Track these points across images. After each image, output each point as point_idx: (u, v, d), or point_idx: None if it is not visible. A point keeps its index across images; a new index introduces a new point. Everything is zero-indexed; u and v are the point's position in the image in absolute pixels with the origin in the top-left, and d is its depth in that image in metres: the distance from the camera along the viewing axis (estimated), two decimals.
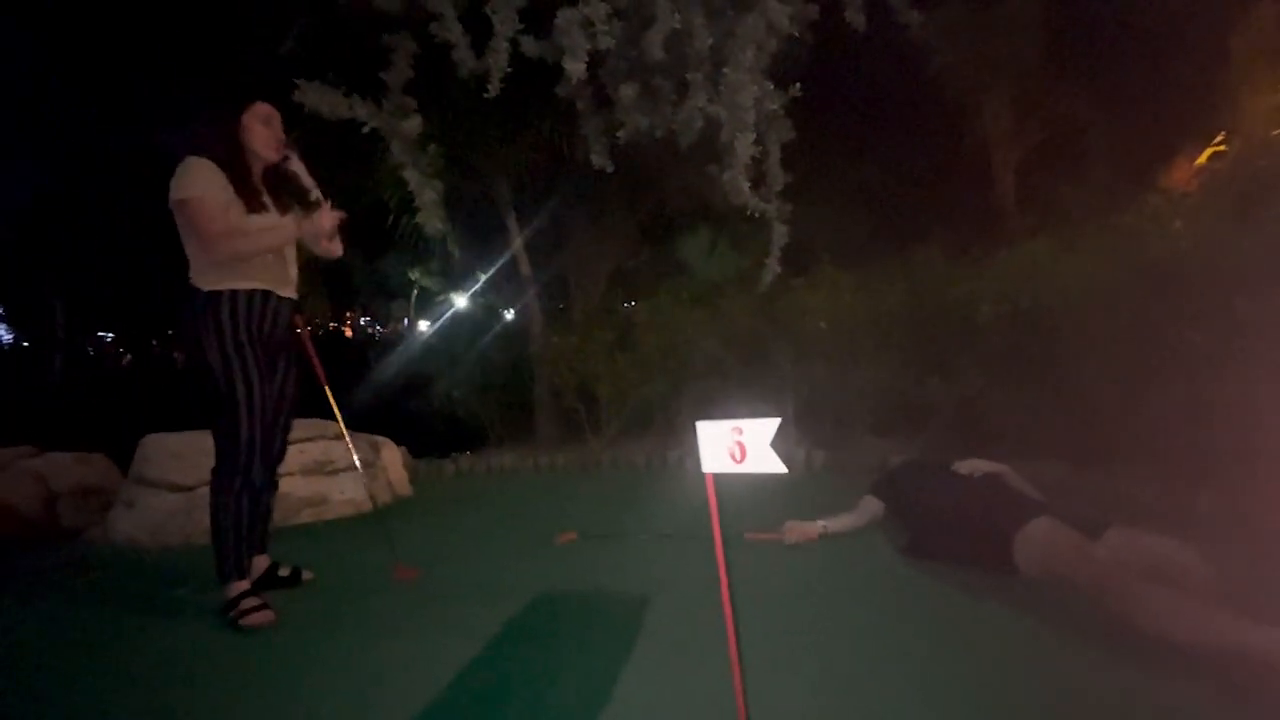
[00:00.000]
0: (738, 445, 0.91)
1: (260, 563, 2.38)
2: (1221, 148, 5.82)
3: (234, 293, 2.12)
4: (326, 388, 2.65)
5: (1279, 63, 5.98)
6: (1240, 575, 1.78)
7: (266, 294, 2.19)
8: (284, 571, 2.45)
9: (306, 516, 3.30)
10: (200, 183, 2.08)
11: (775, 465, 0.91)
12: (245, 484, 2.18)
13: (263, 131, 2.22)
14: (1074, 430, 3.38)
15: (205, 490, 3.17)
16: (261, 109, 2.23)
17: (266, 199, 2.24)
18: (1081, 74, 6.22)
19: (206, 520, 3.01)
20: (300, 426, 3.44)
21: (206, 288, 2.11)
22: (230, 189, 2.11)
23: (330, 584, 2.47)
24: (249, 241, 2.13)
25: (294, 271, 2.33)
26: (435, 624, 2.06)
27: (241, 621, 2.09)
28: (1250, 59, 6.05)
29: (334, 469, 3.55)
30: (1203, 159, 5.85)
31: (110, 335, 32.62)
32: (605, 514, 3.29)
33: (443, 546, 2.92)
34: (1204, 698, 1.41)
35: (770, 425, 0.91)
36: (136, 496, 3.29)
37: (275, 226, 2.21)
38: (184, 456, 3.20)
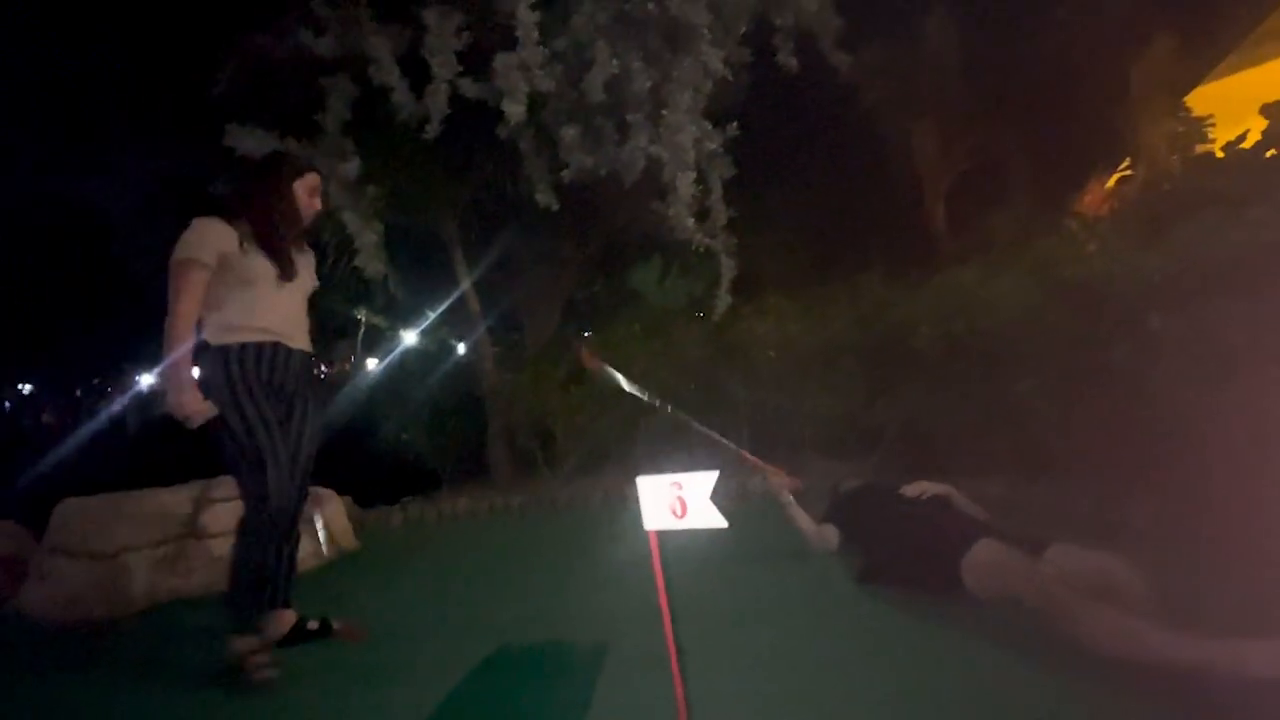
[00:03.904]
0: (678, 500, 0.90)
1: (288, 618, 2.22)
2: (1128, 172, 6.27)
3: (243, 345, 2.11)
4: None
5: (1174, 93, 6.51)
6: (1173, 586, 1.85)
7: (276, 345, 2.17)
8: (313, 625, 2.29)
9: None
10: (195, 248, 2.04)
11: (715, 520, 0.90)
12: (276, 533, 2.13)
13: (306, 201, 2.25)
14: (1013, 447, 3.51)
15: (127, 558, 3.00)
16: (312, 179, 2.26)
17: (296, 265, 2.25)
18: (999, 107, 6.64)
19: (130, 590, 2.83)
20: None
21: (216, 342, 2.10)
22: (230, 251, 2.09)
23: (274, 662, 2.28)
24: (172, 338, 2.02)
25: (306, 324, 2.31)
26: (377, 703, 1.93)
27: (256, 677, 2.06)
28: (1148, 90, 6.57)
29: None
30: (1111, 183, 6.29)
31: (28, 387, 30.60)
32: (561, 557, 3.22)
33: (388, 606, 2.77)
34: (1146, 711, 1.45)
35: (708, 479, 0.90)
36: (52, 567, 3.05)
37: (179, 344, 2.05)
38: (104, 522, 2.99)
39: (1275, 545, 2.07)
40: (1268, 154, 3.58)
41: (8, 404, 28.97)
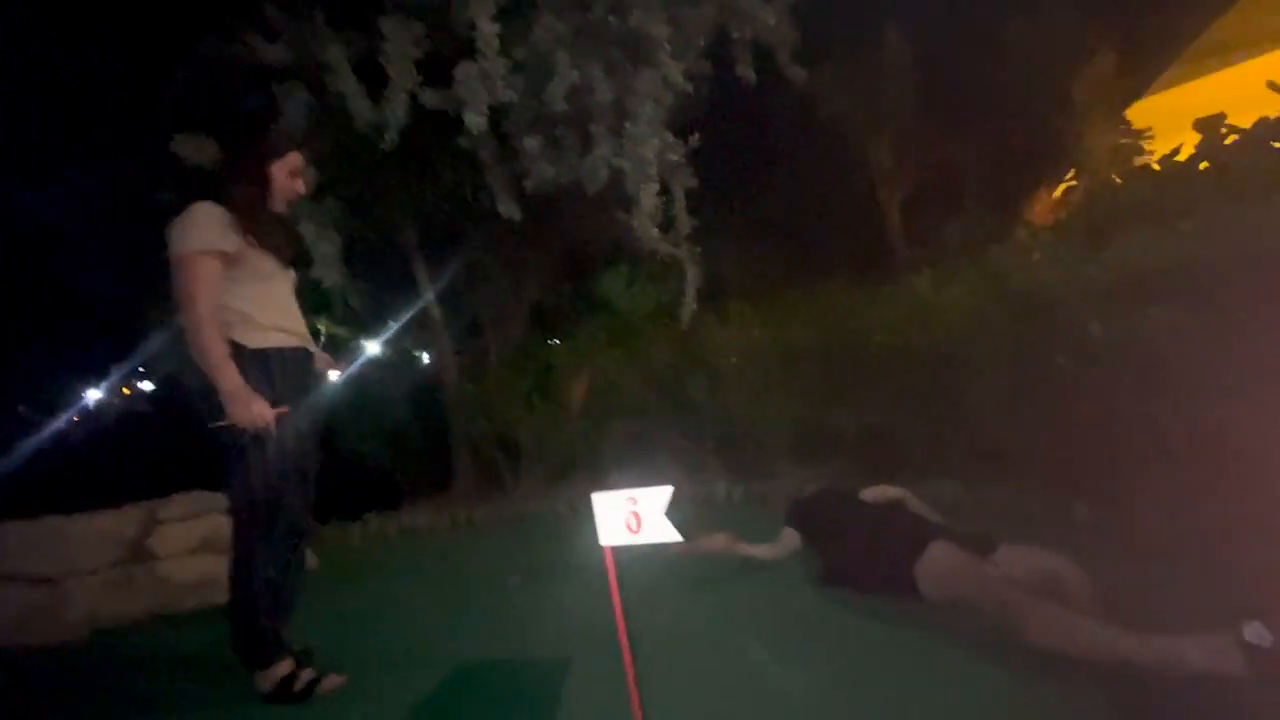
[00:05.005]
0: (633, 515, 0.91)
1: (287, 665, 2.03)
2: (1072, 183, 6.55)
3: (280, 350, 1.99)
4: None
5: (1116, 107, 6.83)
6: (1115, 581, 1.93)
7: (306, 350, 2.10)
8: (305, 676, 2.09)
9: (192, 602, 3.00)
10: (207, 236, 1.88)
11: (670, 534, 0.91)
12: (279, 546, 2.02)
13: (286, 184, 2.08)
14: (966, 450, 3.62)
15: (69, 582, 2.87)
16: (293, 160, 2.09)
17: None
18: (953, 119, 6.88)
19: (71, 615, 2.70)
20: (187, 500, 3.18)
21: (253, 345, 1.94)
22: (238, 239, 1.93)
23: (221, 686, 2.16)
24: (203, 341, 1.85)
25: None
26: None
27: (318, 690, 1.97)
28: (1090, 105, 6.88)
29: (226, 546, 3.26)
30: (1057, 194, 6.56)
31: None
32: (523, 572, 3.18)
33: (346, 626, 2.70)
34: (1093, 706, 1.51)
35: (663, 494, 0.91)
36: None
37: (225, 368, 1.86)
38: (45, 546, 2.86)
39: (1214, 541, 2.17)
40: (1200, 167, 3.78)
41: None
